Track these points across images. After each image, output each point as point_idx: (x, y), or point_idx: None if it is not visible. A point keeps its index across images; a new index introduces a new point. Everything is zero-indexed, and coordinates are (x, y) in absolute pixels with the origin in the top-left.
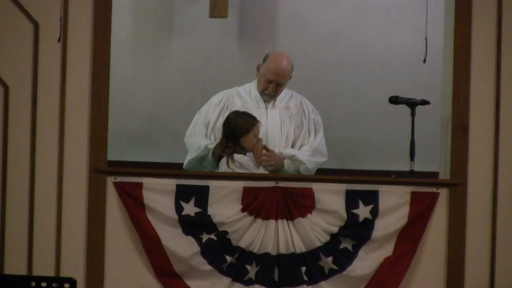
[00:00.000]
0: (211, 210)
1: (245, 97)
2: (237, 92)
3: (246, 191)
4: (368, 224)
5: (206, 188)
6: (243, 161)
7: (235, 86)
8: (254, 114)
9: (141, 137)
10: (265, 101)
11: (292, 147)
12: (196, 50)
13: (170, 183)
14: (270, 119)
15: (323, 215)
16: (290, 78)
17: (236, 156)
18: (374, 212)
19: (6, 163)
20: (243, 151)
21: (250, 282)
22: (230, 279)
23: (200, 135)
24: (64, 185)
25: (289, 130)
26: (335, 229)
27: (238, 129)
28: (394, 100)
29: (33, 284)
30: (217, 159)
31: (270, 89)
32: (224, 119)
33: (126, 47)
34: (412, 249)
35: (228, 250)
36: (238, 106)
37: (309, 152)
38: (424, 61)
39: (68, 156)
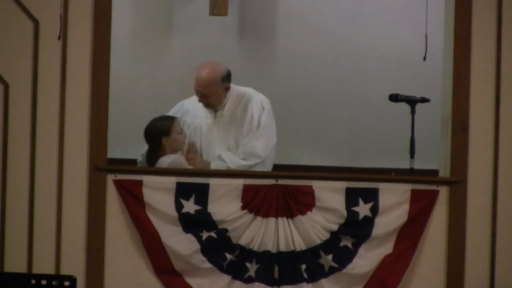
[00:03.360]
0: (211, 208)
1: (197, 108)
2: (191, 102)
3: (246, 189)
4: (368, 222)
5: (206, 185)
6: (177, 162)
7: (235, 84)
8: (203, 125)
9: (141, 135)
10: (214, 111)
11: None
12: (196, 48)
13: (170, 181)
14: (216, 129)
15: (323, 212)
16: (228, 88)
17: (172, 157)
18: (374, 210)
19: (6, 161)
20: (174, 152)
21: (250, 280)
22: (230, 277)
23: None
24: (64, 183)
25: (237, 137)
26: (335, 227)
27: (159, 133)
28: (394, 98)
29: (33, 282)
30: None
31: (199, 99)
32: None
33: (126, 46)
34: (412, 247)
35: (228, 248)
36: (191, 117)
37: (240, 154)
38: (424, 59)
39: (68, 154)
